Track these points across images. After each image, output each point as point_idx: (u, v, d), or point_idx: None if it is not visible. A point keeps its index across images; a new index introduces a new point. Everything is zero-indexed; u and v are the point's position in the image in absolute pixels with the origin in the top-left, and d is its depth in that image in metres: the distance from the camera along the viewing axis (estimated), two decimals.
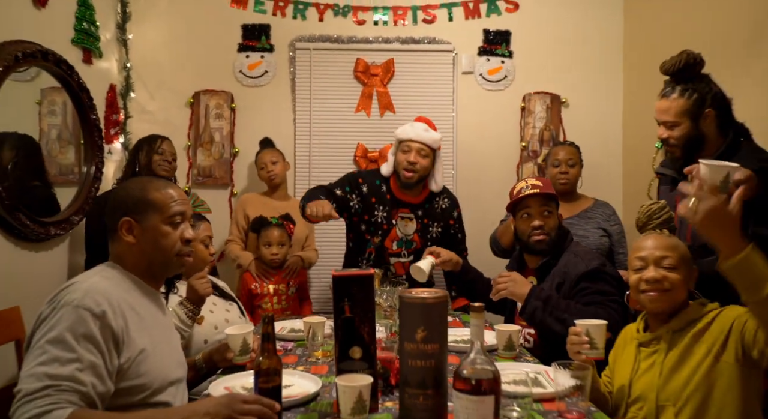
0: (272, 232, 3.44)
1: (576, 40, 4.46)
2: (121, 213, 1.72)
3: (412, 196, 3.31)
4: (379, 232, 3.29)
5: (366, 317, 1.67)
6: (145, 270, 1.78)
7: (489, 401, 1.42)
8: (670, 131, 2.46)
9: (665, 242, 1.94)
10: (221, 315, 2.62)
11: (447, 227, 3.36)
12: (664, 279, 1.87)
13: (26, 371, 1.45)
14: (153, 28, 4.26)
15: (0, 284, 2.68)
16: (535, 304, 2.41)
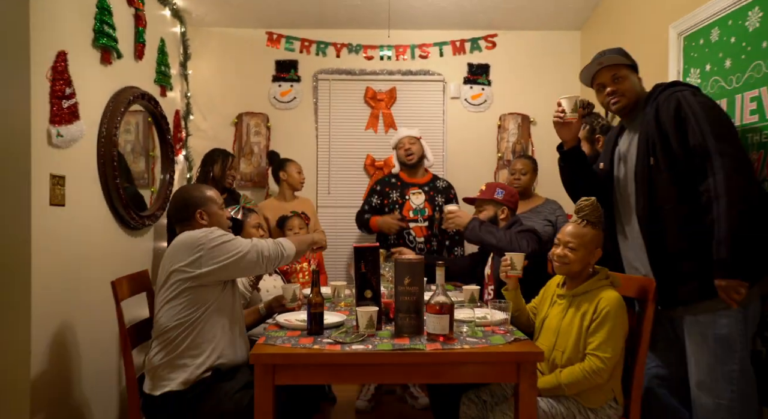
0: (294, 221, 4.29)
1: (541, 71, 5.17)
2: (194, 207, 2.76)
3: (418, 178, 4.40)
4: (396, 207, 4.32)
5: (374, 272, 2.66)
6: None
7: (446, 318, 2.34)
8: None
9: (576, 230, 2.62)
10: (271, 283, 3.59)
11: (447, 200, 4.37)
12: (565, 256, 2.62)
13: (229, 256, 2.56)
14: (206, 64, 5.05)
15: (120, 257, 3.57)
16: (473, 223, 3.44)
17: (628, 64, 2.82)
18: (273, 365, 2.23)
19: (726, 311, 2.46)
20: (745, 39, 2.87)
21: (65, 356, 2.97)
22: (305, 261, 4.38)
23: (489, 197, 3.57)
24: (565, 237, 2.65)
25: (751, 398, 2.49)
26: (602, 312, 2.48)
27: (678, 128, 2.55)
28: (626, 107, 2.83)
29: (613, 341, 2.45)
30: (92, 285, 3.19)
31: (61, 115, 2.86)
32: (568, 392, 2.51)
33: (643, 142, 2.69)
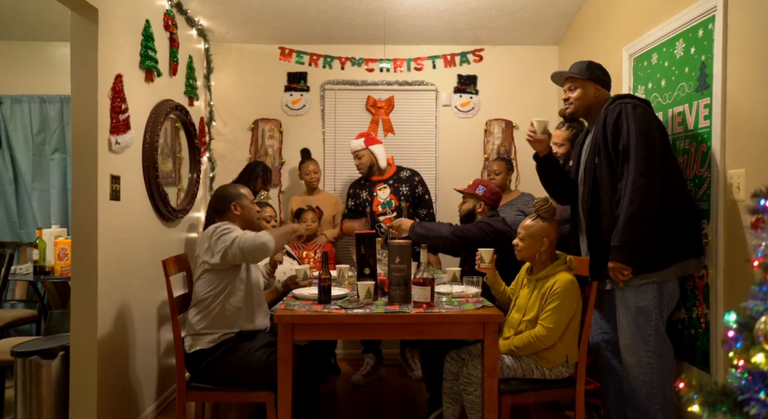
0: (307, 213, 4.92)
1: (523, 82, 5.64)
2: (230, 200, 3.40)
3: (382, 175, 4.93)
4: (366, 203, 4.87)
5: (371, 253, 3.26)
6: (243, 228, 3.38)
7: (428, 289, 2.94)
8: (558, 148, 4.09)
9: (524, 223, 3.17)
10: (288, 265, 4.17)
11: (413, 187, 4.88)
12: (517, 245, 3.20)
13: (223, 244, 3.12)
14: (226, 76, 5.58)
15: (159, 244, 4.19)
16: (413, 227, 4.03)
17: (585, 77, 3.25)
18: (292, 324, 2.87)
19: (645, 287, 3.00)
20: (674, 64, 3.49)
21: (122, 323, 3.64)
22: (311, 250, 5.00)
23: (471, 191, 4.14)
24: (521, 231, 3.24)
25: (666, 356, 3.03)
26: (555, 291, 3.04)
27: (615, 133, 3.01)
28: (575, 113, 3.35)
29: (557, 313, 3.01)
30: (140, 266, 3.86)
31: (118, 126, 3.51)
32: (518, 353, 3.11)
33: (593, 142, 3.19)
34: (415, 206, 4.93)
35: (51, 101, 5.80)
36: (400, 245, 3.09)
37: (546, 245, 3.14)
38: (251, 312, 3.31)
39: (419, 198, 4.91)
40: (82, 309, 3.28)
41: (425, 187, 4.97)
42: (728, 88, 2.99)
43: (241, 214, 3.43)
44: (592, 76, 3.27)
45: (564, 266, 3.14)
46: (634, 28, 4.02)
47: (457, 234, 3.93)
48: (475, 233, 3.90)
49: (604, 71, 3.33)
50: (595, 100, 3.28)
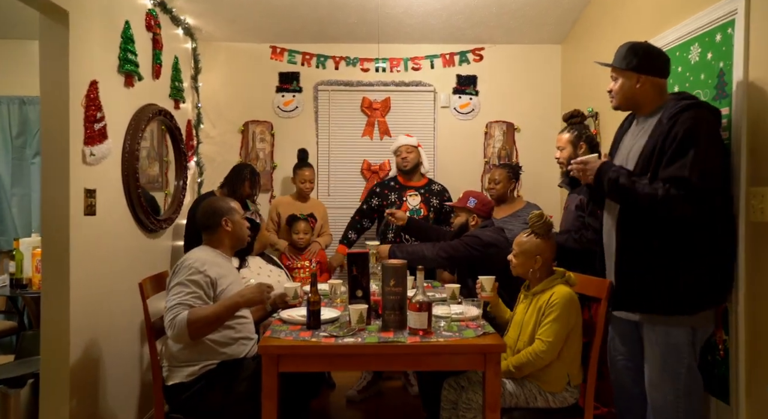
0: (300, 224, 4.72)
1: (526, 82, 5.45)
2: (221, 216, 3.19)
3: (415, 182, 4.80)
4: (394, 207, 4.69)
5: (363, 274, 3.03)
6: (232, 246, 3.24)
7: (425, 315, 2.72)
8: (560, 152, 3.86)
9: (519, 240, 3.03)
10: (275, 279, 3.94)
11: (442, 202, 4.76)
12: (510, 261, 3.07)
13: (167, 299, 2.89)
14: (215, 76, 5.36)
15: (142, 257, 3.96)
16: (392, 250, 3.85)
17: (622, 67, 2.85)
18: (278, 355, 2.65)
19: (678, 327, 2.73)
20: (689, 69, 3.26)
21: (98, 347, 3.41)
22: (305, 260, 4.78)
23: (462, 204, 3.96)
24: (515, 246, 3.08)
25: (695, 393, 2.77)
26: (552, 303, 2.87)
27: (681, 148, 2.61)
28: (618, 107, 2.98)
29: (556, 326, 2.83)
30: (119, 283, 3.63)
31: (93, 136, 3.28)
32: (518, 374, 2.91)
33: (648, 153, 2.74)
34: (440, 221, 4.84)
35: (31, 103, 5.59)
36: (394, 267, 2.87)
37: (540, 263, 2.99)
38: (235, 339, 3.09)
39: (446, 215, 4.82)
40: (52, 334, 3.06)
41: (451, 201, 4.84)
42: (749, 97, 2.76)
43: (232, 230, 3.23)
44: (631, 65, 2.83)
45: (561, 280, 2.99)
46: (645, 29, 3.79)
47: (441, 255, 3.78)
48: (461, 249, 3.75)
49: (651, 55, 2.84)
50: (641, 92, 2.86)
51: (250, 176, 4.59)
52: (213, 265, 3.07)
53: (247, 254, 3.89)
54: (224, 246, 3.25)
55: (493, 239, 3.73)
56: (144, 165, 4.23)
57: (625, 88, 2.88)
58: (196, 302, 2.90)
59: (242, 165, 4.70)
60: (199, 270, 2.97)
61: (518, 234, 3.16)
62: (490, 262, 3.64)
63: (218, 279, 3.04)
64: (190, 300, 2.89)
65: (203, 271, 2.98)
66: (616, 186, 2.76)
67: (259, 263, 3.98)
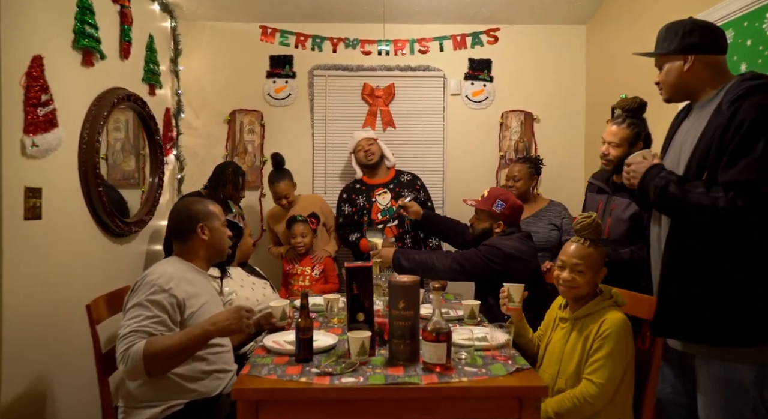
0: (298, 227, 4.21)
1: (546, 67, 5.02)
2: (197, 221, 2.63)
3: (381, 178, 4.36)
4: (364, 211, 4.25)
5: (366, 293, 2.49)
6: (208, 258, 2.69)
7: (443, 346, 2.19)
8: (612, 149, 3.26)
9: (582, 251, 2.45)
10: (259, 292, 3.43)
11: (414, 192, 4.31)
12: (573, 280, 2.43)
13: (122, 323, 2.32)
14: (197, 60, 4.89)
15: (105, 267, 3.44)
16: (397, 256, 3.32)
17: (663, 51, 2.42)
18: (256, 401, 2.09)
19: (741, 362, 2.21)
20: (762, 42, 2.69)
21: (39, 383, 2.84)
22: (308, 265, 4.25)
23: (487, 207, 3.38)
24: (572, 259, 2.49)
25: None
26: (604, 334, 2.34)
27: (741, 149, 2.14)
28: (670, 99, 2.52)
29: (611, 365, 2.31)
30: (72, 302, 3.03)
31: (36, 123, 2.71)
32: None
33: (704, 148, 2.29)
34: None
35: None
36: (404, 285, 2.33)
37: (603, 276, 2.51)
38: (208, 372, 2.52)
39: (422, 205, 4.23)
40: None
41: (427, 193, 4.46)
42: None
43: (209, 238, 2.67)
44: (672, 47, 2.38)
45: (610, 301, 2.47)
46: (691, 3, 3.26)
47: (455, 267, 3.25)
48: (478, 262, 3.21)
49: (697, 30, 2.38)
50: (691, 76, 2.39)
51: (232, 176, 4.14)
52: (182, 281, 2.50)
53: (228, 264, 3.35)
54: (198, 258, 2.69)
55: (517, 251, 3.20)
56: (118, 159, 3.84)
57: (671, 75, 2.42)
58: (156, 329, 2.32)
59: (225, 165, 4.23)
60: (162, 288, 2.40)
61: (566, 244, 2.59)
62: (513, 277, 3.10)
63: (188, 299, 2.47)
64: (150, 327, 2.31)
65: (168, 289, 2.41)
66: (665, 196, 2.26)
67: (241, 275, 3.44)
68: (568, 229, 3.98)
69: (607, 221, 3.26)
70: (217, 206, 2.78)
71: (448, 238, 3.85)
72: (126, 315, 2.36)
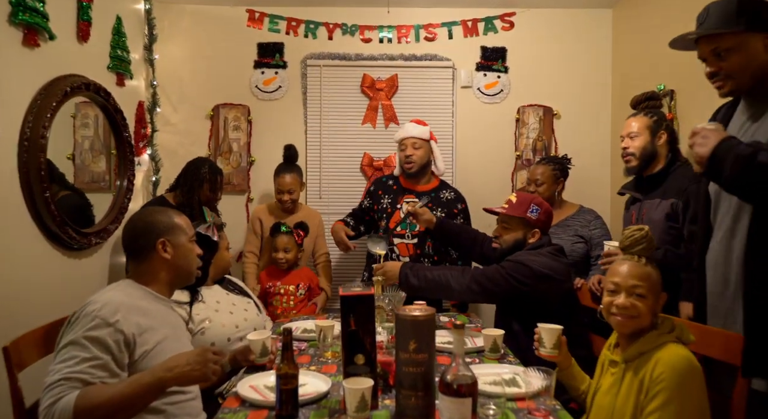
0: (281, 239, 3.73)
1: (567, 56, 4.62)
2: (158, 235, 2.10)
3: (421, 184, 3.76)
4: (384, 215, 3.73)
5: (367, 329, 1.98)
6: (171, 281, 2.17)
7: (467, 402, 1.68)
8: (632, 141, 2.93)
9: (639, 271, 1.99)
10: (240, 315, 2.89)
11: (450, 216, 3.68)
12: (632, 307, 1.94)
13: (50, 367, 1.79)
14: (176, 47, 4.46)
15: (54, 290, 2.95)
16: (404, 273, 2.81)
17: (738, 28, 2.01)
18: None
19: None
20: None
21: None
22: (292, 283, 3.77)
23: (520, 214, 2.88)
24: (628, 280, 1.97)
25: None
26: (659, 378, 1.82)
27: None
28: (737, 91, 2.09)
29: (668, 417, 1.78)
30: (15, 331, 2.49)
31: None
32: None
33: None
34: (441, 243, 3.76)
35: None
36: (415, 321, 1.81)
37: (663, 302, 2.01)
38: None
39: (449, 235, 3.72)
40: None
41: (467, 219, 3.86)
42: None
43: (172, 257, 2.14)
44: (750, 21, 1.97)
45: (670, 335, 1.93)
46: None
47: (473, 288, 2.73)
48: (502, 283, 2.70)
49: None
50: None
51: (209, 175, 3.62)
52: (133, 312, 1.96)
53: (201, 285, 2.84)
54: (158, 282, 2.16)
55: (549, 269, 2.70)
56: (87, 160, 3.49)
57: (749, 59, 2.01)
58: (95, 376, 1.78)
59: (199, 161, 3.71)
60: (106, 322, 1.86)
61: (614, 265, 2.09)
62: (542, 300, 2.66)
63: (140, 335, 1.94)
64: (86, 372, 1.77)
65: (113, 323, 1.86)
66: (752, 165, 1.84)
67: (217, 295, 2.92)
68: (599, 242, 3.49)
69: None
70: (184, 217, 2.25)
71: (464, 248, 3.35)
72: (57, 356, 1.83)
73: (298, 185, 3.98)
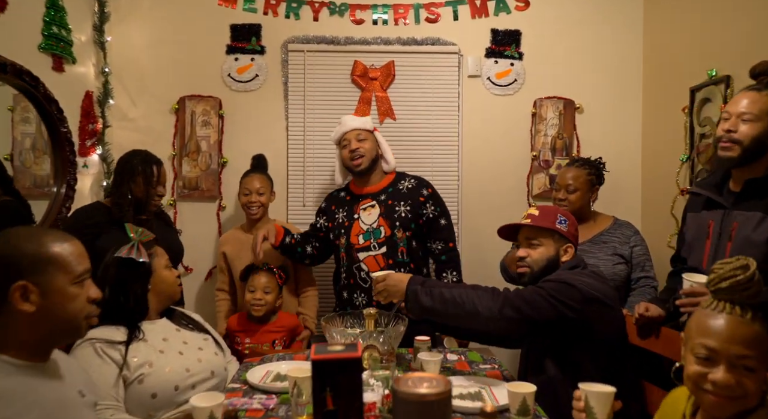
0: (259, 279, 3.16)
1: (592, 42, 4.17)
2: (14, 276, 1.46)
3: (372, 185, 3.32)
4: (342, 231, 3.22)
5: (352, 408, 1.38)
6: (38, 342, 1.54)
7: None
8: (742, 123, 2.18)
9: (746, 332, 1.41)
10: (193, 355, 2.32)
11: (417, 206, 3.20)
12: (737, 386, 1.39)
13: None
14: (134, 28, 3.95)
15: None
16: (413, 287, 2.23)
17: None
18: None
19: None
20: None
21: None
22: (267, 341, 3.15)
23: (549, 225, 2.37)
24: (731, 347, 1.40)
25: None
26: None
27: None
28: None
29: None
30: None
31: None
32: None
33: None
34: (422, 237, 3.25)
35: None
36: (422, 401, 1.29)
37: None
38: None
39: (429, 224, 3.25)
40: None
41: (440, 205, 3.34)
42: None
43: (39, 309, 1.51)
44: None
45: None
46: None
47: (507, 313, 2.11)
48: (545, 306, 2.11)
49: None
50: None
51: (142, 165, 3.03)
52: None
53: (140, 319, 2.29)
54: (18, 346, 1.53)
55: (598, 292, 2.16)
56: (27, 161, 3.12)
57: None
58: None
59: (129, 154, 3.12)
60: None
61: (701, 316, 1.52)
62: (588, 332, 2.11)
63: None
64: None
65: None
66: None
67: (164, 332, 2.37)
68: (642, 263, 2.93)
69: (726, 246, 2.26)
70: (72, 244, 1.58)
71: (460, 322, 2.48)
72: None
73: (268, 188, 3.51)
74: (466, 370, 2.41)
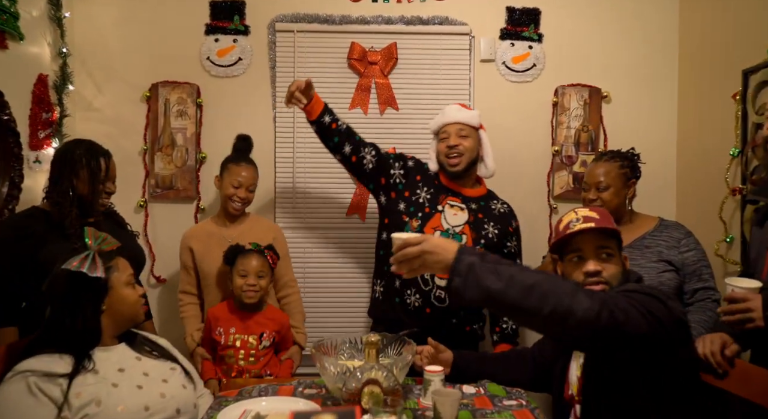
0: (251, 261, 2.83)
1: (620, 21, 3.87)
2: None
3: (467, 187, 3.03)
4: (419, 214, 2.90)
5: None
6: None
7: None
8: None
9: None
10: (155, 389, 1.98)
11: (504, 235, 2.99)
12: None
13: None
14: (98, 4, 3.61)
15: None
16: (470, 260, 1.63)
17: None
18: None
19: None
20: None
21: None
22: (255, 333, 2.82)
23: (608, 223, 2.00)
24: None
25: None
26: None
27: None
28: None
29: None
30: None
31: None
32: None
33: None
34: None
35: None
36: None
37: None
38: None
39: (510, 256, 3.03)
40: None
41: (520, 243, 3.16)
42: None
43: None
44: None
45: None
46: None
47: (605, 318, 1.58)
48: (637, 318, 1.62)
49: None
50: None
51: (86, 156, 2.58)
52: None
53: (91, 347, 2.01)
54: None
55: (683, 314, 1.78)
56: None
57: None
58: None
59: (71, 143, 2.70)
60: None
61: None
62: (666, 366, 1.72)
63: None
64: None
65: None
66: None
67: (121, 360, 2.06)
68: (699, 270, 2.59)
69: None
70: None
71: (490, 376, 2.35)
72: None
73: (255, 180, 3.17)
74: (488, 409, 2.02)
